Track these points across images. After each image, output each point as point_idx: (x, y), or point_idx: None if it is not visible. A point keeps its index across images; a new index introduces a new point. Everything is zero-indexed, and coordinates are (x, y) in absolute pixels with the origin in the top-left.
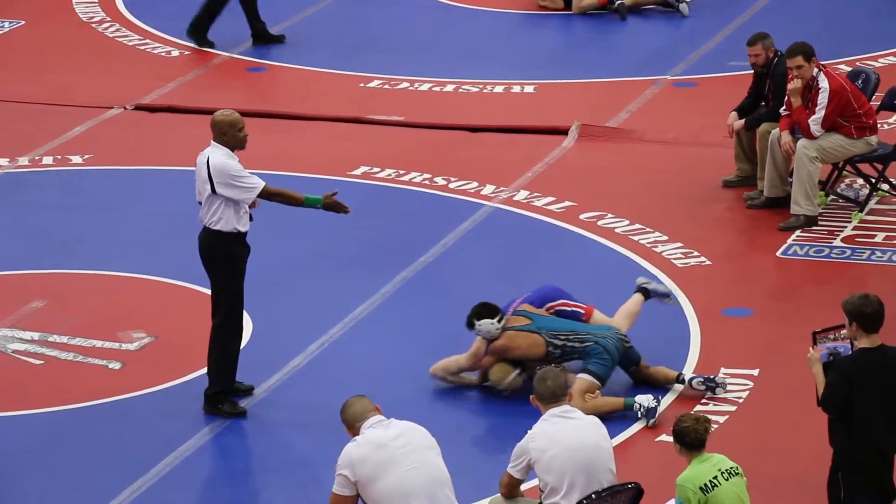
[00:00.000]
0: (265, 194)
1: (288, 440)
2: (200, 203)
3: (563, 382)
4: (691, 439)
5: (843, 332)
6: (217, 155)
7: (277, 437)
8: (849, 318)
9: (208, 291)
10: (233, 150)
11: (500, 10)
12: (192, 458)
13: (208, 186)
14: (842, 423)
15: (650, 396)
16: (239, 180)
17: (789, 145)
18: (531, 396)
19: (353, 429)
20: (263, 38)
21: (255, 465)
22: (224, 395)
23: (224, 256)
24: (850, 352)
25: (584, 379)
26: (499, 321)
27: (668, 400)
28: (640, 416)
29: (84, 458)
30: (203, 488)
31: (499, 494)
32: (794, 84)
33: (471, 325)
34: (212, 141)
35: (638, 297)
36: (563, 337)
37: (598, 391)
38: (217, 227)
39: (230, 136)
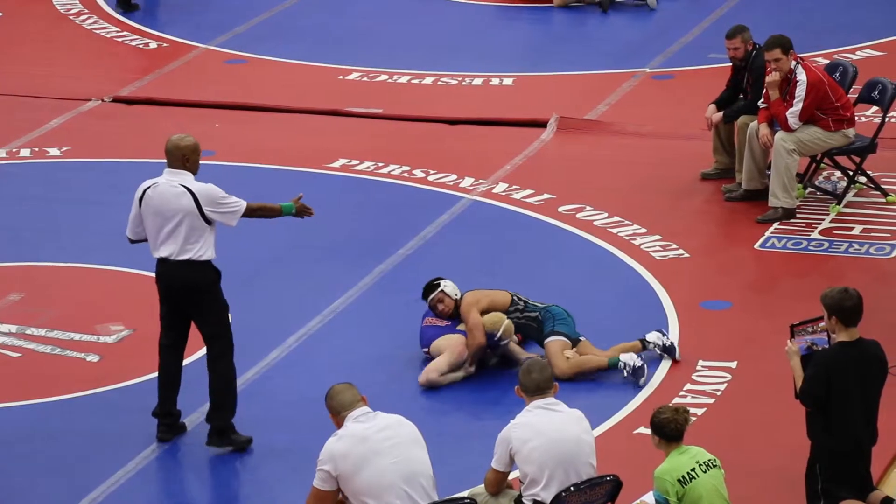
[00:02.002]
0: (248, 212)
1: (267, 432)
2: (143, 240)
3: (549, 375)
4: (671, 430)
5: (821, 324)
6: (192, 181)
7: (256, 430)
8: (828, 312)
9: None
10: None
11: (479, 3)
12: (170, 450)
13: (197, 218)
14: (820, 415)
15: (633, 355)
16: (226, 202)
17: (767, 138)
18: (516, 388)
19: (338, 416)
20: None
21: (234, 457)
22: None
23: (213, 284)
24: (828, 344)
25: (555, 340)
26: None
27: (644, 394)
28: (625, 374)
29: (62, 450)
30: (182, 481)
31: (481, 486)
32: (772, 77)
33: (431, 289)
34: (169, 169)
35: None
36: (523, 297)
37: (573, 350)
38: (204, 258)
39: (192, 162)
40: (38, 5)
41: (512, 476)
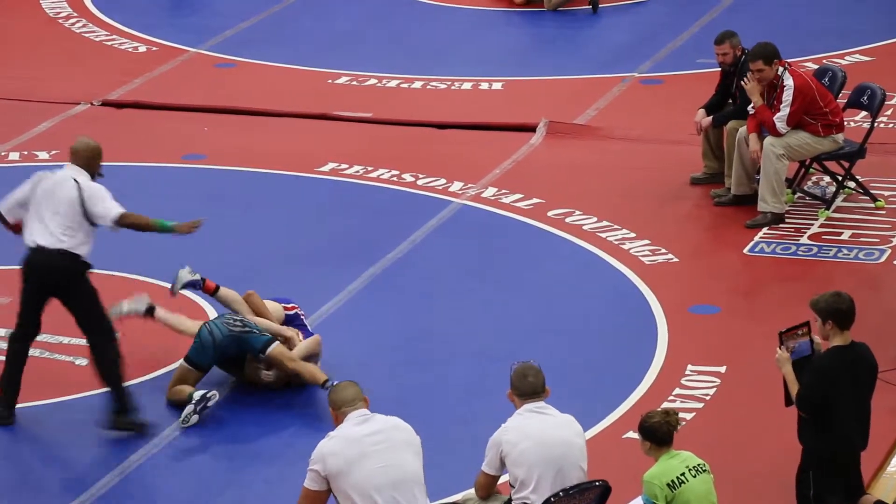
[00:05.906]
0: (121, 218)
1: (253, 436)
2: (15, 225)
3: (542, 381)
4: (662, 433)
5: (807, 329)
6: (85, 178)
7: (243, 433)
8: (823, 317)
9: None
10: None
11: (468, 7)
12: (158, 454)
13: (78, 210)
14: (813, 419)
15: (203, 392)
16: (105, 201)
17: (757, 154)
18: (507, 392)
19: (337, 411)
20: None
21: (221, 461)
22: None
23: (84, 275)
24: (810, 348)
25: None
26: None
27: (632, 399)
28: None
29: (50, 454)
30: (170, 485)
31: (470, 490)
32: (750, 84)
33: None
34: (71, 164)
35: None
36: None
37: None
38: (79, 252)
39: (95, 167)
40: (26, 8)
41: (502, 480)
